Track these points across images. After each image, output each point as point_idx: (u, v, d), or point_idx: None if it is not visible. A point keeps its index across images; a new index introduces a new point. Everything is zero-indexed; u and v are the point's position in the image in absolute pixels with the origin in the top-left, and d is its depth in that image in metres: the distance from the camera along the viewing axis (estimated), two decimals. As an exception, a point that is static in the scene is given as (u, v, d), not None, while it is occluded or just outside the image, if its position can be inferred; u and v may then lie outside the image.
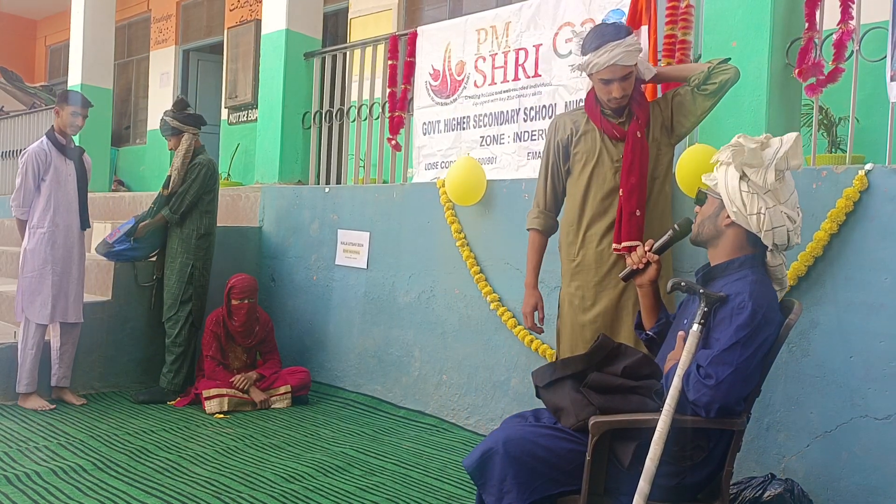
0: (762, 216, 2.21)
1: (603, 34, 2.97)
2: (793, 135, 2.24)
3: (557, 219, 3.35)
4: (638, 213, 3.04)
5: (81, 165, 4.87)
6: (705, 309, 2.21)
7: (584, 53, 3.02)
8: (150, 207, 5.12)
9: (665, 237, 2.48)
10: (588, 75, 3.09)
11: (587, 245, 3.16)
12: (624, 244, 3.04)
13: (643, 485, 2.10)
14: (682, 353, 2.19)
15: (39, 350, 4.66)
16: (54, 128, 4.78)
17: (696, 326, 2.20)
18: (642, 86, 3.20)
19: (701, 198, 2.39)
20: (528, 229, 3.36)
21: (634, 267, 2.50)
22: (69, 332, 4.80)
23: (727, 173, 2.28)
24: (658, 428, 2.12)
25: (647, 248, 2.49)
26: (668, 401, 2.14)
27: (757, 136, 2.29)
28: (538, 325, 3.35)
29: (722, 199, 2.29)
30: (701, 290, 2.22)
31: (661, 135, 3.15)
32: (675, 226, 2.47)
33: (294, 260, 5.68)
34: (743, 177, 2.24)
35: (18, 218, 4.74)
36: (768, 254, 2.29)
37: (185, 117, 5.08)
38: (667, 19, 3.75)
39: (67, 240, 4.74)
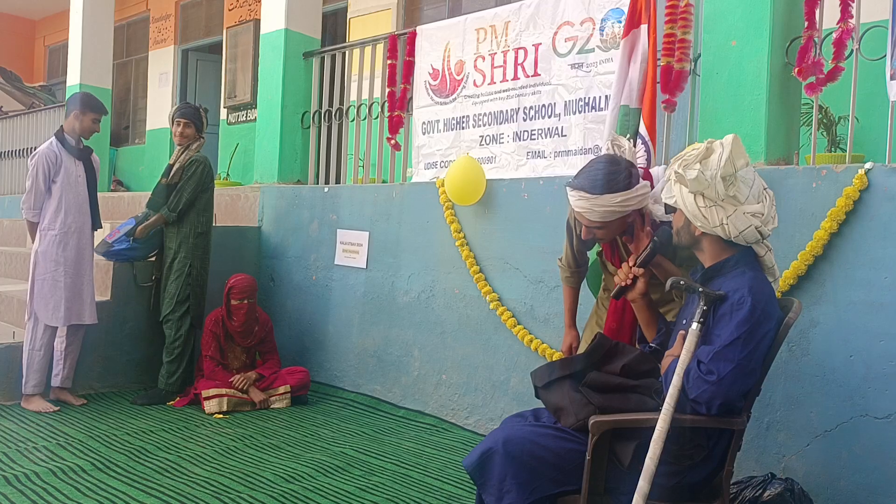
0: (726, 226, 2.23)
1: (587, 177, 2.59)
2: (730, 137, 2.24)
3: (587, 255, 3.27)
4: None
5: (91, 166, 4.83)
6: (704, 307, 2.21)
7: (571, 182, 2.66)
8: (150, 199, 5.12)
9: (646, 250, 2.48)
10: None
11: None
12: None
13: (643, 484, 2.10)
14: (682, 352, 2.19)
15: (48, 351, 4.64)
16: (64, 129, 4.75)
17: (695, 325, 2.21)
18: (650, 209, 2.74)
19: (669, 208, 2.40)
20: (562, 282, 3.34)
21: (623, 284, 2.49)
22: (76, 334, 4.79)
23: (682, 191, 2.29)
24: (658, 427, 2.12)
25: (630, 264, 2.47)
26: (667, 400, 2.14)
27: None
28: None
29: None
30: (700, 289, 2.22)
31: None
32: (655, 237, 2.47)
33: (293, 260, 5.67)
34: (696, 194, 2.25)
35: (29, 220, 4.69)
36: (755, 246, 2.30)
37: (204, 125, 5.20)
38: (666, 18, 3.74)
39: (80, 241, 4.71)
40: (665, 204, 2.40)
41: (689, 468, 2.26)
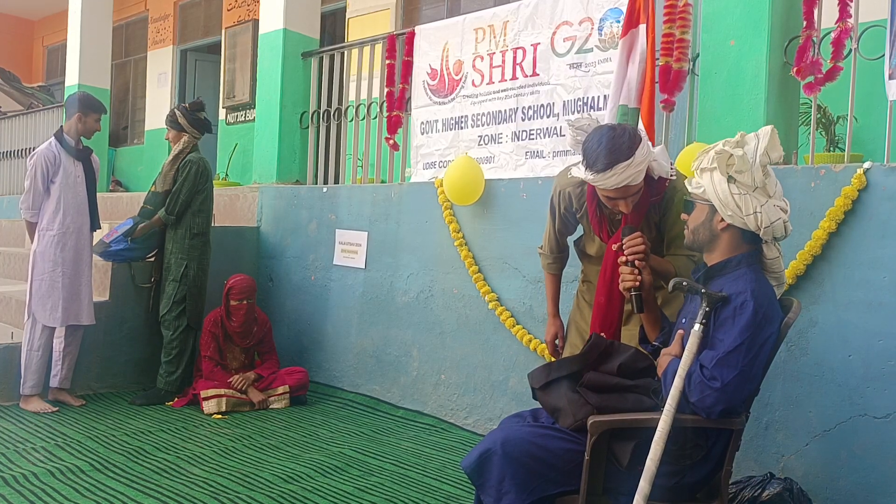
0: (759, 215, 2.21)
1: (612, 150, 2.49)
2: (768, 128, 2.24)
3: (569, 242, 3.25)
4: (603, 335, 2.68)
5: (90, 166, 4.81)
6: (707, 308, 2.20)
7: (587, 167, 2.55)
8: (142, 207, 5.11)
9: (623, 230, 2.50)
10: None
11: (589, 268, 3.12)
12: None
13: (644, 485, 2.10)
14: (684, 354, 2.18)
15: (46, 352, 4.63)
16: (63, 129, 4.74)
17: (697, 326, 2.19)
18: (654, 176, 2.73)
19: (688, 207, 2.38)
20: (543, 270, 3.31)
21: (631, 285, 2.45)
22: (74, 334, 4.79)
23: (713, 178, 2.25)
24: (659, 428, 2.11)
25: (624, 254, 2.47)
26: (668, 401, 2.13)
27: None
28: (560, 352, 3.28)
29: (712, 205, 2.27)
30: (703, 290, 2.21)
31: (652, 234, 2.81)
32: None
33: (292, 260, 5.67)
34: (730, 180, 2.23)
35: (28, 220, 4.69)
36: (764, 247, 2.28)
37: (194, 119, 5.09)
38: (665, 18, 3.74)
39: (78, 242, 4.69)
40: (685, 200, 2.39)
41: (688, 468, 2.25)
